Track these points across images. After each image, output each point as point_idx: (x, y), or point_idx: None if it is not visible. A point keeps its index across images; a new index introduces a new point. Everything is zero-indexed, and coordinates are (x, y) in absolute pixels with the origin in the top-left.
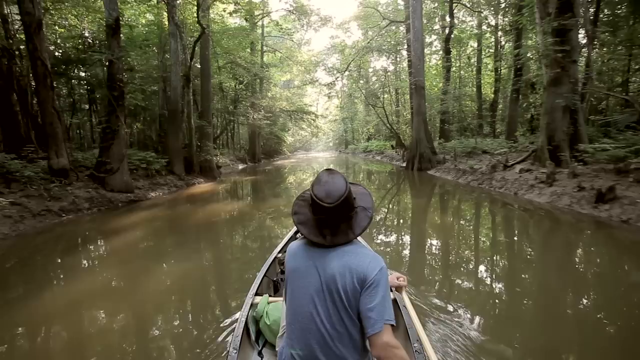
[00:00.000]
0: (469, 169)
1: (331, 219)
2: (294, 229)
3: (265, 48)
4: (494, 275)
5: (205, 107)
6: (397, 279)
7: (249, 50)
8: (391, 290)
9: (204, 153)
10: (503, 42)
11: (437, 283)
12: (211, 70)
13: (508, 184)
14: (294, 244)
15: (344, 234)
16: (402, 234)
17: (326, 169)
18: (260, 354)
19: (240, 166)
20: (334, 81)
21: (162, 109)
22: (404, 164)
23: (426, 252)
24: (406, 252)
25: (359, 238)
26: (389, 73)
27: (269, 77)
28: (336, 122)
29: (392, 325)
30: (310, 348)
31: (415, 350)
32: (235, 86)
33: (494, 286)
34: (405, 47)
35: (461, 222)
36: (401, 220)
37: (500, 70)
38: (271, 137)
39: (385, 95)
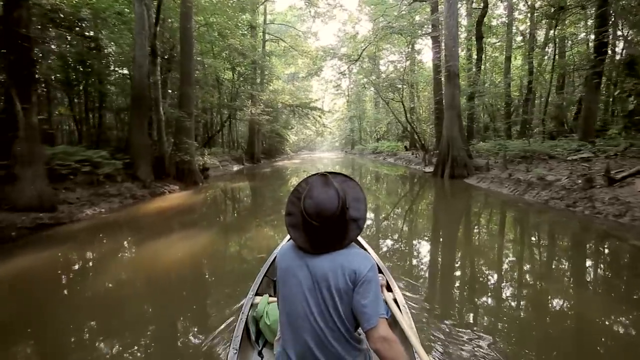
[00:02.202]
0: (537, 180)
1: (319, 233)
2: None
3: (267, 36)
4: None
5: (186, 95)
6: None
7: (248, 35)
8: (390, 290)
9: (182, 152)
10: (543, 25)
11: None
12: (195, 48)
13: (636, 211)
14: (285, 246)
15: (331, 245)
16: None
17: (321, 175)
18: (260, 354)
19: (236, 167)
20: (346, 70)
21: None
22: (426, 168)
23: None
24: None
25: None
26: (404, 67)
27: (271, 67)
28: (343, 121)
29: (386, 319)
30: (306, 347)
31: (416, 351)
32: (233, 77)
33: None
34: (429, 30)
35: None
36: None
37: (555, 55)
38: (272, 135)
39: (405, 88)
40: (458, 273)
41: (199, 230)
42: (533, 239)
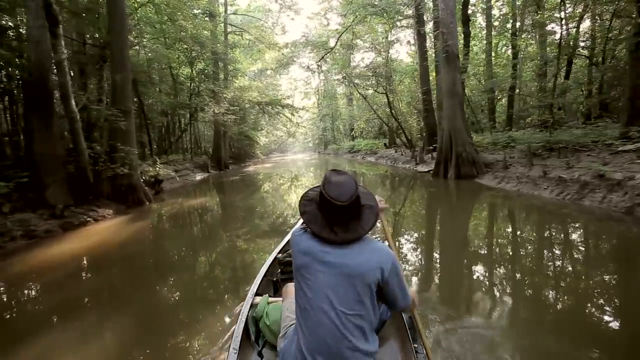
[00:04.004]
0: (592, 179)
1: (342, 216)
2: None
3: (230, 28)
4: None
5: (119, 86)
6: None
7: (207, 22)
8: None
9: (118, 163)
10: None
11: None
12: (138, 31)
13: None
14: (302, 240)
15: (355, 230)
16: None
17: (332, 169)
18: (260, 354)
19: (199, 176)
20: (320, 60)
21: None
22: (418, 167)
23: None
24: None
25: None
26: (387, 55)
27: (235, 62)
28: (314, 121)
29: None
30: (321, 343)
31: (416, 351)
32: (192, 72)
33: None
34: (411, 17)
35: None
36: None
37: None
38: (241, 138)
39: (387, 78)
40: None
41: (125, 312)
42: None
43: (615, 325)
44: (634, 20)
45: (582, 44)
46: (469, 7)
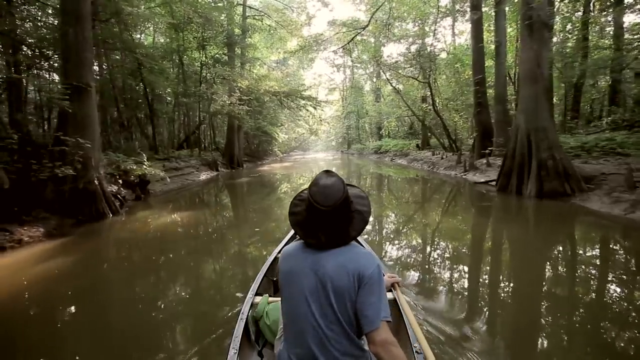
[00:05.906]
0: None
1: (328, 221)
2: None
3: (250, 12)
4: None
5: (72, 50)
6: (390, 278)
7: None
8: (390, 291)
9: (65, 159)
10: None
11: None
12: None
13: None
14: (289, 247)
15: (340, 237)
16: None
17: (324, 171)
18: (260, 354)
19: (205, 175)
20: (353, 38)
21: None
22: (468, 175)
23: None
24: None
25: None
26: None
27: (252, 46)
28: (339, 119)
29: (388, 322)
30: (308, 349)
31: (416, 351)
32: (203, 58)
33: None
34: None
35: None
36: None
37: None
38: (258, 133)
39: (432, 64)
40: None
41: None
42: None
43: None
44: None
45: None
46: None
